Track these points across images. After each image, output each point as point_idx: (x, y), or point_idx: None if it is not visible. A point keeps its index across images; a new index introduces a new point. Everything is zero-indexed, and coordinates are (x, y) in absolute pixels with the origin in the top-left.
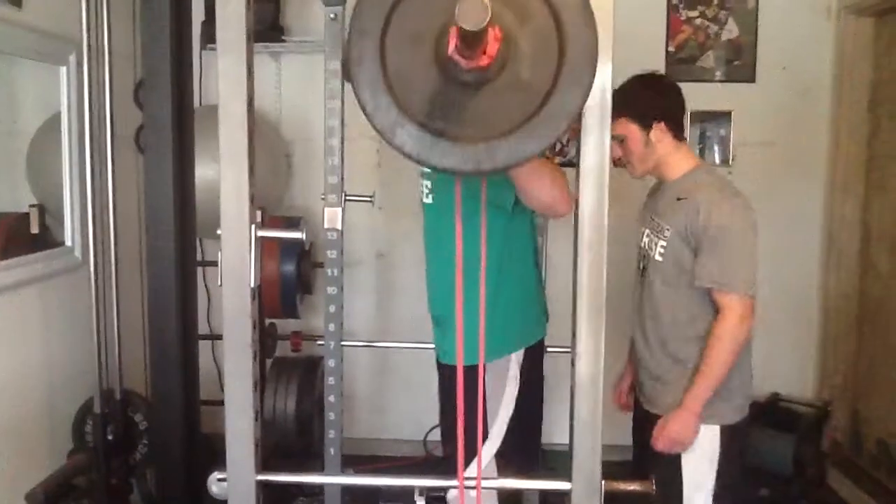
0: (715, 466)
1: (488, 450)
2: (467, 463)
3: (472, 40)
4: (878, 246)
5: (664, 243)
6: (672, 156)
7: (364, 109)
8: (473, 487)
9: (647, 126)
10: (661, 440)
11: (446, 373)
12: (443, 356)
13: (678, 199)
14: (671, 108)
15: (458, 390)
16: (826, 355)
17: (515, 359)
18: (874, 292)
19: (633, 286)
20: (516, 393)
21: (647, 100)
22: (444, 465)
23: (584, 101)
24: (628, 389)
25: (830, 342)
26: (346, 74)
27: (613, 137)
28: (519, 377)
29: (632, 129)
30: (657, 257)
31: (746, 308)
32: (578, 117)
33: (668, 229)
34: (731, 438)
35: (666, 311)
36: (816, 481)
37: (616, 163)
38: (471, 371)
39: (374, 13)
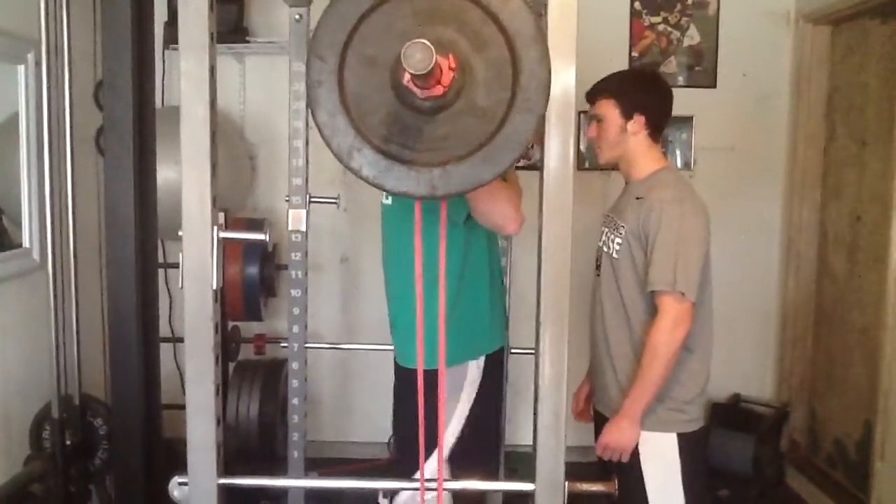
0: (679, 476)
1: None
2: (419, 466)
3: (424, 74)
4: (835, 250)
5: (619, 240)
6: (642, 154)
7: (321, 132)
8: (435, 489)
9: (628, 114)
10: (600, 447)
11: (401, 375)
12: (402, 360)
13: (637, 199)
14: (657, 107)
15: (418, 394)
16: (784, 357)
17: (474, 366)
18: (830, 295)
19: (592, 288)
20: (472, 401)
21: (638, 90)
22: (397, 466)
23: (537, 125)
24: (585, 398)
25: (789, 344)
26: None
27: (594, 116)
28: (477, 384)
29: (613, 113)
30: (614, 255)
31: (683, 312)
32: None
33: (623, 227)
34: (691, 446)
35: (617, 310)
36: (775, 481)
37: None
38: (428, 375)
39: (334, 37)
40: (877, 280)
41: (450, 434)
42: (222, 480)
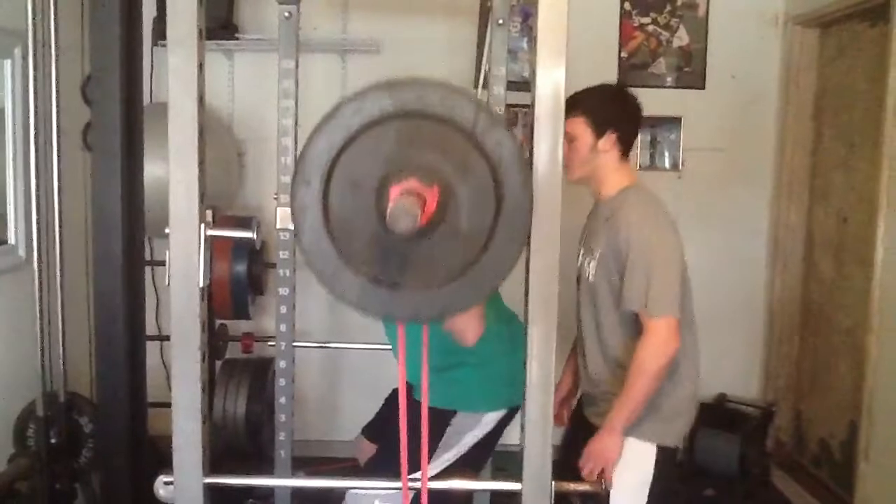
0: (647, 488)
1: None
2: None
3: (410, 232)
4: (821, 252)
5: (595, 264)
6: (612, 172)
7: (305, 256)
8: (419, 489)
9: (599, 132)
10: (584, 457)
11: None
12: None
13: (606, 220)
14: (628, 124)
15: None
16: (771, 357)
17: (489, 420)
18: (816, 297)
19: (575, 304)
20: (470, 447)
21: (609, 108)
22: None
23: (521, 251)
24: (561, 402)
25: (775, 344)
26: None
27: (567, 134)
28: (486, 433)
29: (585, 131)
30: (590, 278)
31: (670, 330)
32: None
33: (597, 250)
34: (667, 460)
35: (599, 330)
36: (761, 480)
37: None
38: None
39: (318, 162)
40: (862, 281)
41: (436, 466)
42: (208, 480)
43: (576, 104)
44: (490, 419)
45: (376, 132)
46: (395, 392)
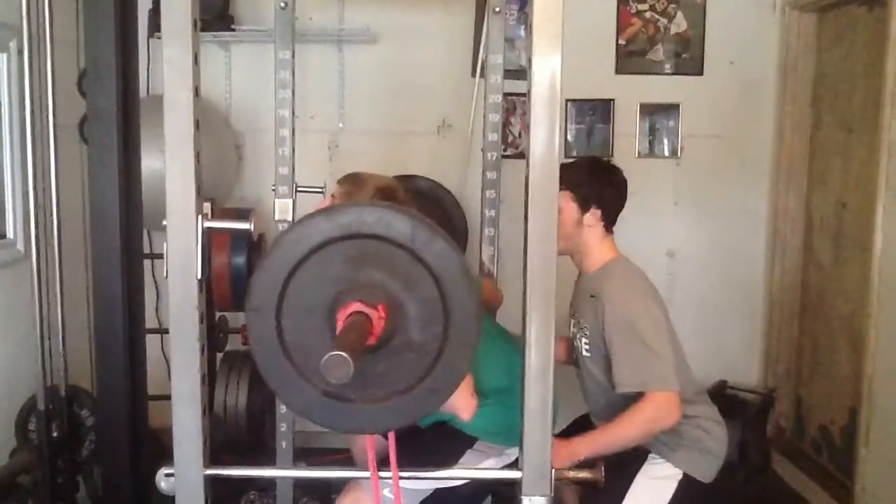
0: None
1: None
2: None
3: (353, 334)
4: (820, 237)
5: (587, 341)
6: (595, 246)
7: (264, 377)
8: (409, 478)
9: (585, 207)
10: None
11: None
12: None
13: (591, 297)
14: (613, 201)
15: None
16: (770, 344)
17: (512, 453)
18: (816, 282)
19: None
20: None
21: (594, 183)
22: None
23: (472, 355)
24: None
25: (775, 331)
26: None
27: None
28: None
29: (570, 206)
30: (584, 353)
31: (670, 400)
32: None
33: (586, 328)
34: (688, 490)
35: (604, 396)
36: (761, 466)
37: None
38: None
39: (269, 290)
40: (861, 267)
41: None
42: (209, 471)
43: (561, 178)
44: (512, 452)
45: (322, 255)
46: None
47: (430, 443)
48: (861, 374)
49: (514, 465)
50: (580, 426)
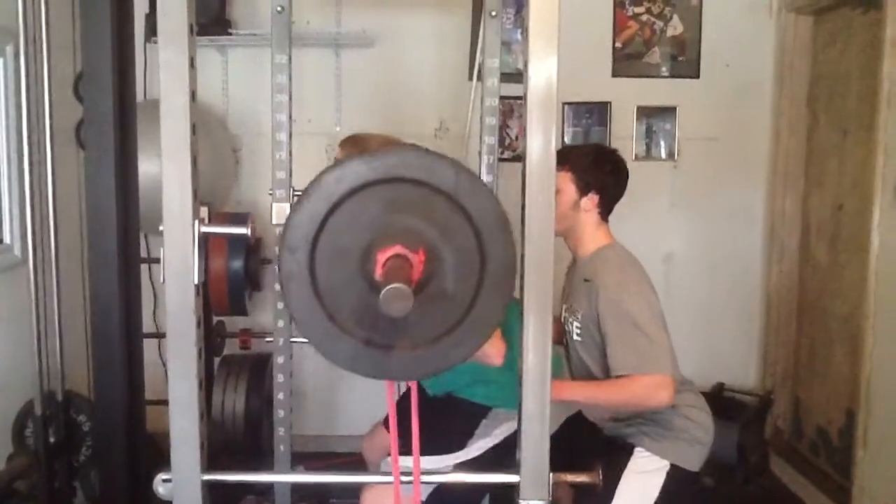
0: (653, 501)
1: (454, 459)
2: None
3: (395, 273)
4: (817, 239)
5: (578, 325)
6: (590, 232)
7: (295, 321)
8: (411, 482)
9: (583, 191)
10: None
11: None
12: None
13: (584, 281)
14: (613, 188)
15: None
16: (768, 345)
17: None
18: (813, 284)
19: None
20: (501, 440)
21: (597, 169)
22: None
23: (506, 308)
24: None
25: (772, 332)
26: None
27: None
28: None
29: (569, 187)
30: (576, 337)
31: (662, 382)
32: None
33: (578, 312)
34: (677, 480)
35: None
36: (759, 468)
37: None
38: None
39: (303, 230)
40: (858, 268)
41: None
42: (207, 476)
43: (565, 158)
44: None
45: (359, 198)
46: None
47: (442, 423)
48: (859, 376)
49: None
50: (574, 423)
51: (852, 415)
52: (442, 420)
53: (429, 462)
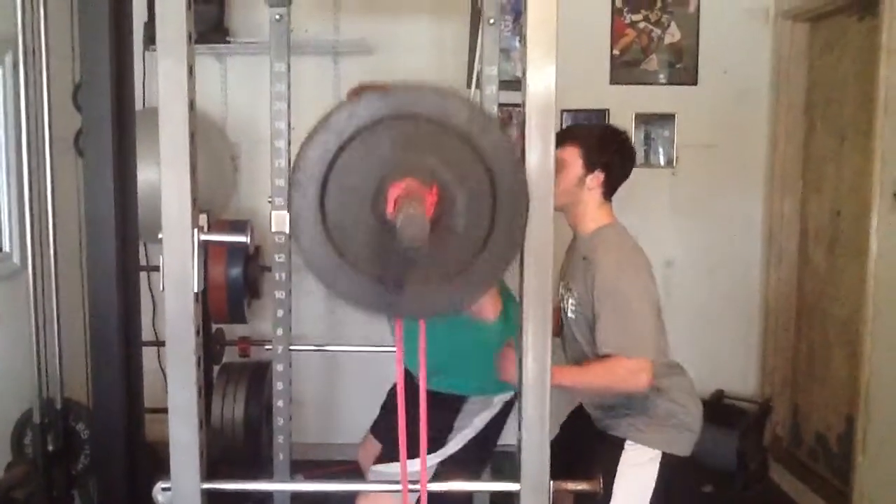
0: (650, 493)
1: (437, 456)
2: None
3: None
4: (815, 244)
5: (574, 302)
6: (592, 210)
7: (304, 259)
8: (418, 491)
9: (590, 168)
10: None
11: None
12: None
13: (584, 259)
14: (619, 169)
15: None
16: (767, 352)
17: (499, 400)
18: (811, 290)
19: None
20: (479, 431)
21: (606, 148)
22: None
23: (518, 250)
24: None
25: (771, 339)
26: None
27: (558, 160)
28: (494, 414)
29: (576, 163)
30: (570, 314)
31: (642, 367)
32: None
33: (575, 289)
34: (671, 467)
35: (581, 361)
36: (759, 475)
37: None
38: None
39: (314, 168)
40: (857, 274)
41: (453, 443)
42: (206, 485)
43: (574, 135)
44: (499, 400)
45: (370, 136)
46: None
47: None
48: (858, 382)
49: (503, 411)
50: (577, 416)
51: (851, 420)
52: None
53: (417, 464)
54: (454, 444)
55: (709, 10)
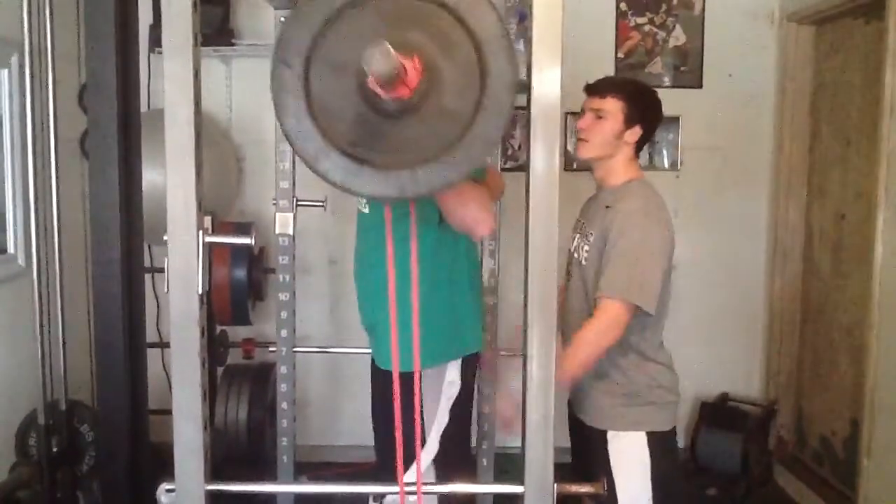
0: (649, 476)
1: (426, 456)
2: (399, 468)
3: (388, 77)
4: (820, 248)
5: (588, 247)
6: (624, 164)
7: (288, 137)
8: (414, 493)
9: (630, 122)
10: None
11: (380, 379)
12: (381, 363)
13: (607, 207)
14: (652, 125)
15: (394, 397)
16: (771, 355)
17: (453, 366)
18: (816, 293)
19: (560, 291)
20: (453, 401)
21: (649, 106)
22: (381, 472)
23: (504, 128)
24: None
25: (776, 342)
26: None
27: (595, 109)
28: (458, 385)
29: (618, 116)
30: (583, 261)
31: (615, 314)
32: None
33: (591, 234)
34: (661, 445)
35: (583, 316)
36: (763, 479)
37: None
38: (407, 377)
39: (299, 43)
40: (862, 278)
41: (434, 434)
42: (210, 486)
43: (619, 88)
44: (453, 367)
45: (356, 11)
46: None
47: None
48: (863, 385)
49: (467, 361)
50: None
51: (856, 424)
52: (409, 396)
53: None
54: (433, 438)
55: (714, 12)
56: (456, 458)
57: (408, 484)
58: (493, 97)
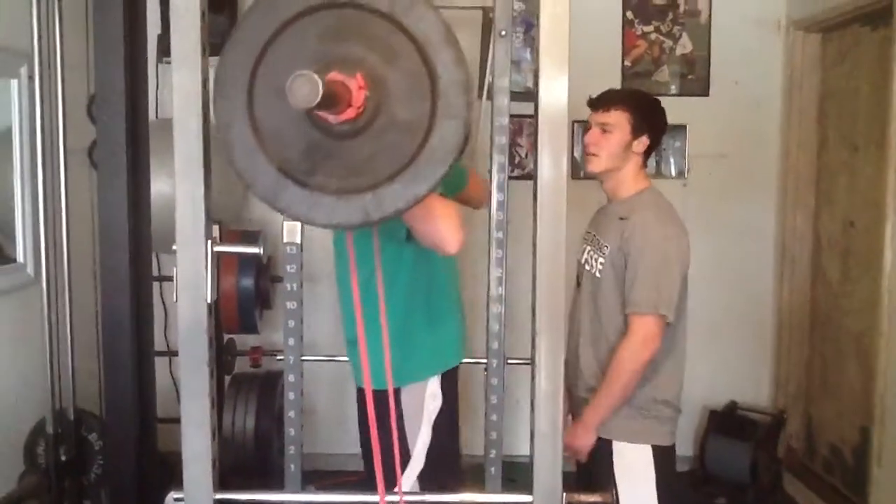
0: (654, 489)
1: (411, 472)
2: (389, 486)
3: (329, 100)
4: (828, 256)
5: (603, 260)
6: (633, 174)
7: (240, 176)
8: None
9: (637, 133)
10: None
11: (361, 397)
12: (359, 381)
13: (621, 218)
14: (659, 135)
15: (369, 415)
16: (780, 363)
17: (433, 381)
18: (825, 301)
19: (571, 303)
20: (435, 416)
21: (654, 115)
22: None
23: (465, 133)
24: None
25: (784, 350)
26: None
27: (602, 123)
28: (439, 398)
29: (625, 128)
30: (596, 273)
31: (654, 333)
32: (462, 150)
33: (606, 246)
34: (665, 459)
35: (600, 327)
36: (772, 487)
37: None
38: (386, 395)
39: (238, 72)
40: (870, 285)
41: (420, 450)
42: (218, 495)
43: (623, 100)
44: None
45: (293, 31)
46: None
47: (389, 414)
48: (872, 393)
49: (447, 375)
50: None
51: (866, 432)
52: (385, 412)
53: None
54: (418, 453)
55: (720, 20)
56: (444, 472)
57: (407, 493)
58: (447, 101)
